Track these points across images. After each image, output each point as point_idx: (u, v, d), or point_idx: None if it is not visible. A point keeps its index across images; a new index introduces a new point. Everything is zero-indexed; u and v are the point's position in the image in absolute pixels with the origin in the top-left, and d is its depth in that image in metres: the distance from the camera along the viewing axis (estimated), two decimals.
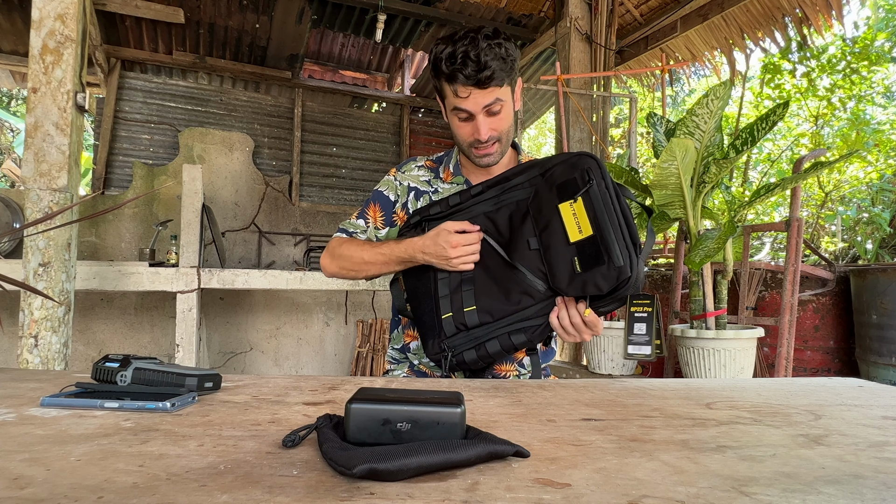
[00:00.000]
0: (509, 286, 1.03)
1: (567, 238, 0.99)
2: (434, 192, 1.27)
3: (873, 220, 4.82)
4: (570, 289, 0.97)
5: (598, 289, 0.94)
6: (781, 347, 2.22)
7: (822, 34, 3.55)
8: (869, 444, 0.54)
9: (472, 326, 1.03)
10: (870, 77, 5.64)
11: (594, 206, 0.97)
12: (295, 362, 4.57)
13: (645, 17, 4.11)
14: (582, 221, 0.98)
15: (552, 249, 1.00)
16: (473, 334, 1.03)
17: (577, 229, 0.98)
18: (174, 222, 3.87)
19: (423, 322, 1.10)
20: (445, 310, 1.05)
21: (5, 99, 8.77)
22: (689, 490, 0.41)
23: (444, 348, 1.04)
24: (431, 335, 1.07)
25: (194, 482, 0.41)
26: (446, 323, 1.04)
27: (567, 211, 1.00)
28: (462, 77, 1.07)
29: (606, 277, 0.93)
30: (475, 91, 1.08)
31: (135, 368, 0.67)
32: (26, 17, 3.69)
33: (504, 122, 1.15)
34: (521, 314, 1.02)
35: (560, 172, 1.03)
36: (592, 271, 0.94)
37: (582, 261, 0.96)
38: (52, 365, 2.09)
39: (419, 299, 1.11)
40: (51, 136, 2.10)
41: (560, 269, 0.98)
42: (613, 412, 0.67)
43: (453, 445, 0.45)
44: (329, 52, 5.61)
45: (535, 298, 1.01)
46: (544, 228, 1.02)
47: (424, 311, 1.09)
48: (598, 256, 0.94)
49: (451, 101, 1.13)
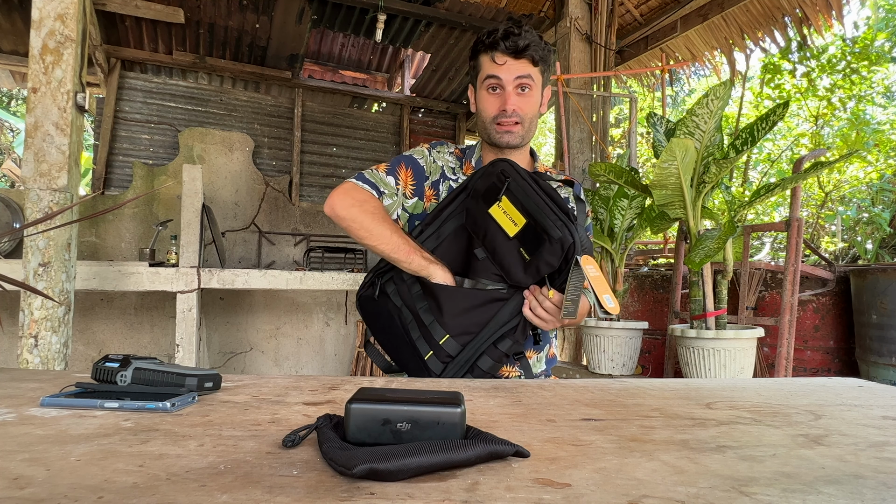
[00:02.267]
0: (474, 301, 1.05)
1: (506, 235, 1.04)
2: (456, 181, 1.29)
3: (873, 220, 4.82)
4: (527, 277, 1.01)
5: (550, 265, 0.98)
6: (781, 347, 2.22)
7: (822, 34, 3.55)
8: (869, 444, 0.54)
9: (457, 353, 1.03)
10: (870, 77, 5.64)
11: (518, 197, 1.03)
12: (295, 362, 4.57)
13: (645, 17, 4.11)
14: (513, 215, 1.04)
15: (498, 250, 1.04)
16: (461, 359, 1.03)
17: (511, 224, 1.04)
18: (174, 222, 3.87)
19: (410, 368, 1.10)
20: (425, 351, 1.05)
21: (5, 99, 8.77)
22: (689, 490, 0.41)
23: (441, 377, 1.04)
24: (422, 376, 1.06)
25: (194, 482, 0.41)
26: (431, 363, 1.04)
27: (498, 212, 1.06)
28: (502, 45, 1.15)
29: (553, 252, 0.97)
30: (511, 60, 1.16)
31: (135, 368, 0.67)
32: (26, 17, 3.69)
33: (529, 105, 1.19)
34: (496, 320, 1.03)
35: (480, 184, 1.10)
36: (539, 252, 0.99)
37: (527, 248, 1.01)
38: (52, 365, 2.09)
39: (398, 349, 1.12)
40: (51, 136, 2.10)
41: (512, 264, 1.03)
42: (613, 412, 0.67)
43: (453, 445, 0.45)
44: (329, 52, 5.61)
45: (502, 301, 1.04)
46: (484, 236, 1.07)
47: (408, 359, 1.09)
48: (538, 238, 0.99)
49: (485, 70, 1.19)
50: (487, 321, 1.03)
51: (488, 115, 1.21)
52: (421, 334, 1.06)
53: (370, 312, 1.18)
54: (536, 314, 1.02)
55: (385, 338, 1.14)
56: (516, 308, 1.04)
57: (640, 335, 2.76)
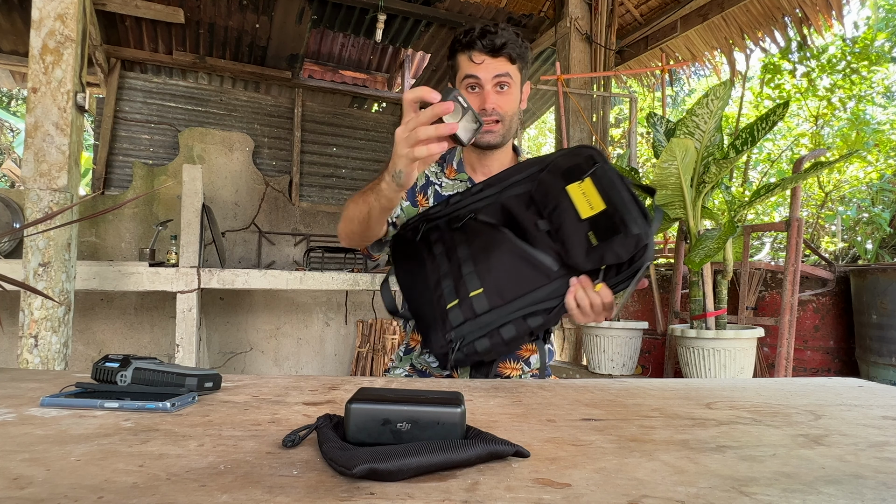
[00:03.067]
0: (519, 266, 0.98)
1: (578, 215, 0.97)
2: (439, 185, 1.27)
3: (873, 220, 4.82)
4: (588, 261, 0.94)
5: (618, 257, 0.92)
6: (781, 347, 2.22)
7: (822, 34, 3.55)
8: (869, 444, 0.54)
9: (482, 312, 0.96)
10: (870, 77, 5.64)
11: (603, 183, 0.97)
12: (295, 362, 4.57)
13: (645, 17, 4.11)
14: (592, 199, 0.97)
15: (564, 227, 0.97)
16: (483, 321, 0.96)
17: (587, 206, 0.97)
18: (174, 222, 3.87)
19: (423, 316, 1.04)
20: (450, 298, 0.98)
21: (5, 99, 8.78)
22: (688, 490, 0.41)
23: (450, 339, 0.97)
24: (435, 328, 1.00)
25: (194, 482, 0.41)
26: (452, 312, 0.97)
27: (576, 191, 0.99)
28: (479, 44, 1.15)
29: (625, 245, 0.91)
30: (488, 59, 1.15)
31: (135, 368, 0.67)
32: (26, 17, 3.69)
33: (509, 103, 1.18)
34: (534, 296, 0.96)
35: (563, 161, 1.04)
36: (610, 241, 0.92)
37: (598, 233, 0.94)
38: (52, 365, 2.09)
39: (416, 291, 1.06)
40: (51, 136, 2.10)
41: (574, 245, 0.96)
42: (613, 412, 0.67)
43: (453, 445, 0.45)
44: (329, 52, 5.61)
45: (549, 278, 0.97)
46: (553, 210, 1.00)
47: (423, 304, 1.04)
48: (613, 227, 0.93)
49: (463, 70, 1.18)
50: (525, 293, 0.96)
51: None
52: (452, 282, 1.00)
53: (402, 252, 1.13)
54: (580, 304, 0.95)
55: (409, 280, 1.09)
56: (559, 290, 0.96)
57: (640, 335, 2.76)
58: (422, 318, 1.05)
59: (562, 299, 0.96)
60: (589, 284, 0.95)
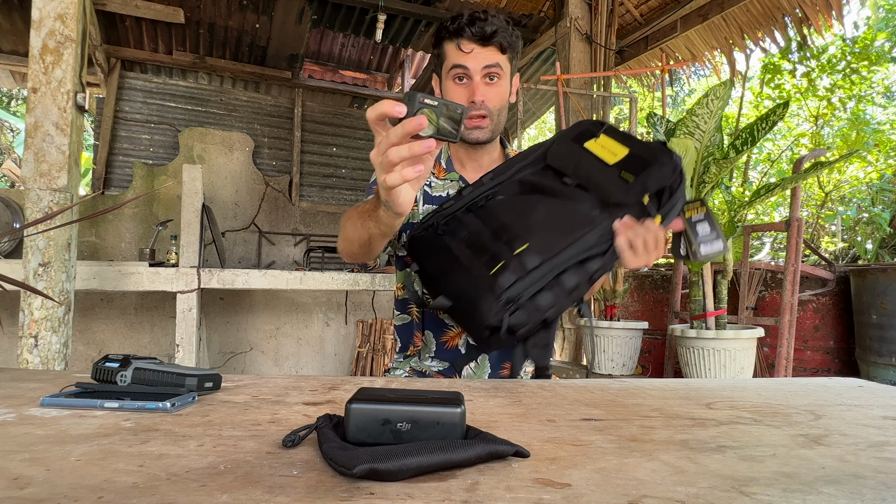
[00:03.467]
0: (560, 217, 0.91)
1: (604, 163, 0.94)
2: (428, 186, 1.22)
3: (873, 220, 4.82)
4: (630, 195, 0.89)
5: (660, 181, 0.88)
6: (781, 347, 2.22)
7: (822, 34, 3.55)
8: (869, 444, 0.54)
9: (533, 267, 0.86)
10: (870, 77, 5.64)
11: (618, 135, 0.96)
12: (295, 362, 4.57)
13: (645, 17, 4.11)
14: (613, 148, 0.95)
15: (594, 175, 0.94)
16: (536, 275, 0.86)
17: (611, 154, 0.94)
18: (174, 222, 3.87)
19: (464, 295, 0.92)
20: (494, 264, 0.88)
21: (5, 99, 8.78)
22: (688, 490, 0.41)
23: (506, 300, 0.85)
24: (483, 300, 0.87)
25: (194, 482, 0.41)
26: (500, 276, 0.86)
27: (594, 146, 0.97)
28: (468, 31, 1.09)
29: (663, 172, 0.88)
30: (478, 48, 1.10)
31: (135, 368, 0.67)
32: (26, 17, 3.69)
33: (498, 96, 1.13)
34: (583, 243, 0.88)
35: (569, 133, 1.03)
36: (646, 173, 0.89)
37: (631, 170, 0.91)
38: (52, 365, 2.09)
39: (449, 277, 0.96)
40: (51, 136, 2.10)
41: (611, 186, 0.91)
42: (613, 412, 0.67)
43: (453, 445, 0.45)
44: (329, 52, 5.61)
45: (593, 223, 0.90)
46: (576, 166, 0.96)
47: (461, 284, 0.92)
48: (645, 162, 0.90)
49: (451, 59, 1.12)
50: (573, 241, 0.88)
51: None
52: (492, 250, 0.90)
53: (423, 251, 1.05)
54: (633, 243, 0.88)
55: (438, 271, 1.00)
56: (607, 233, 0.90)
57: (640, 335, 2.76)
58: (462, 297, 0.93)
59: (610, 244, 0.90)
60: (635, 223, 0.89)
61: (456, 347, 1.18)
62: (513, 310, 0.85)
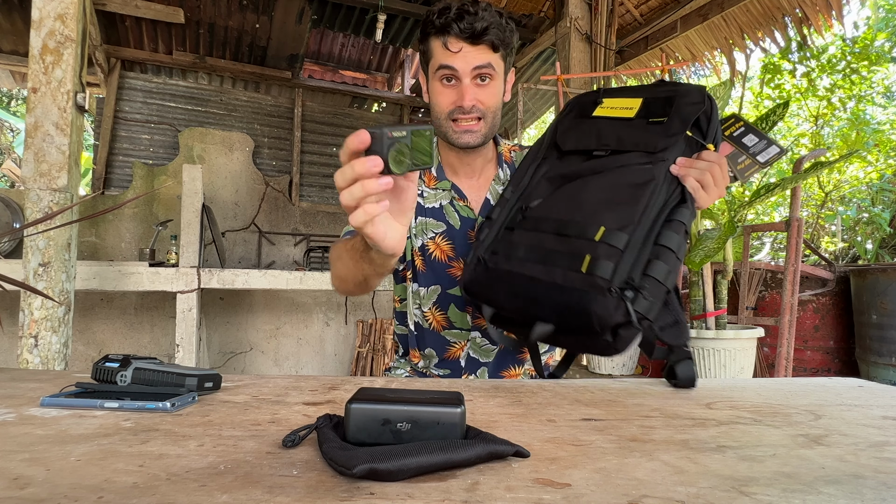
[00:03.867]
0: (617, 188, 0.83)
1: (626, 120, 0.89)
2: (421, 197, 1.13)
3: (873, 220, 4.82)
4: (671, 137, 0.83)
5: (692, 110, 0.83)
6: (781, 347, 2.22)
7: (822, 34, 3.55)
8: (869, 444, 0.54)
9: (625, 245, 0.77)
10: (870, 77, 5.65)
11: (621, 91, 0.92)
12: (295, 362, 4.57)
13: (645, 17, 4.11)
14: (624, 104, 0.90)
15: (622, 135, 0.87)
16: (632, 251, 0.77)
17: (627, 110, 0.89)
18: (174, 222, 3.87)
19: (566, 310, 0.79)
20: (578, 262, 0.77)
21: (5, 99, 8.78)
22: (688, 490, 0.41)
23: (619, 288, 0.74)
24: (593, 301, 0.75)
25: (194, 482, 0.41)
26: (597, 267, 0.75)
27: (604, 111, 0.92)
28: (456, 28, 0.98)
29: (689, 98, 0.84)
30: (467, 47, 0.99)
31: (135, 368, 0.67)
32: (26, 17, 3.70)
33: (491, 98, 1.03)
34: (655, 202, 0.81)
35: (568, 114, 0.99)
36: (675, 108, 0.84)
37: (658, 113, 0.85)
38: (52, 365, 2.09)
39: (532, 301, 0.84)
40: (51, 136, 2.10)
41: (648, 135, 0.84)
42: (613, 412, 0.67)
43: (453, 445, 0.45)
44: (329, 52, 5.61)
45: (653, 177, 0.82)
46: (597, 136, 0.90)
47: (554, 298, 0.80)
48: (667, 100, 0.85)
49: (437, 59, 1.02)
50: (645, 205, 0.80)
51: (443, 111, 1.04)
52: (566, 248, 0.80)
53: (484, 287, 0.92)
54: (700, 180, 0.81)
55: (513, 300, 0.87)
56: (672, 181, 0.82)
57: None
58: (565, 312, 0.80)
59: (681, 186, 0.83)
60: (692, 160, 0.83)
61: (457, 359, 1.15)
62: (631, 297, 0.75)
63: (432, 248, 1.12)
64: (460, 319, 1.13)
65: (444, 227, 1.12)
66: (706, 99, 0.85)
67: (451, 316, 1.13)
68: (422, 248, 1.13)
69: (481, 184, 1.15)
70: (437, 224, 1.12)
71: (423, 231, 1.13)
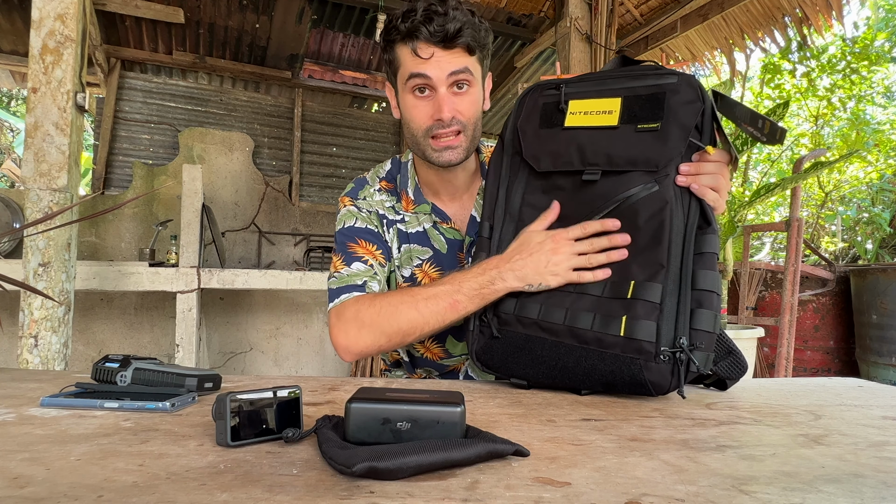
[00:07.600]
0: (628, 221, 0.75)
1: (610, 129, 0.77)
2: (402, 223, 1.03)
3: (873, 220, 4.82)
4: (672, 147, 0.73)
5: (691, 112, 0.73)
6: (781, 347, 2.22)
7: (822, 34, 3.55)
8: (869, 444, 0.54)
9: (661, 298, 0.70)
10: (870, 77, 5.65)
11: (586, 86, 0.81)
12: (295, 362, 4.57)
13: (645, 17, 4.11)
14: (599, 106, 0.78)
15: (614, 151, 0.76)
16: (672, 299, 0.70)
17: (606, 115, 0.77)
18: (174, 222, 3.87)
19: (612, 382, 0.72)
20: (615, 326, 0.71)
21: (5, 99, 8.78)
22: (688, 489, 0.41)
23: (669, 350, 0.69)
24: (644, 369, 0.69)
25: (194, 481, 0.41)
26: (636, 329, 0.69)
27: (577, 119, 0.79)
28: (425, 31, 0.86)
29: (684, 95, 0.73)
30: (439, 52, 0.87)
31: (135, 369, 0.67)
32: (26, 17, 3.69)
33: (471, 107, 0.92)
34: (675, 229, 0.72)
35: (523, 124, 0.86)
36: (669, 111, 0.73)
37: (648, 118, 0.75)
38: (51, 365, 2.09)
39: (566, 370, 0.75)
40: (51, 136, 2.10)
41: (642, 150, 0.74)
42: (613, 412, 0.66)
43: (453, 444, 0.45)
44: (329, 52, 5.61)
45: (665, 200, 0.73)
46: (581, 155, 0.79)
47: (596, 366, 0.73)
48: (655, 100, 0.74)
49: (407, 68, 0.89)
50: (667, 237, 0.71)
51: (419, 127, 0.92)
52: (598, 310, 0.73)
53: (505, 360, 0.82)
54: (713, 186, 0.74)
55: (543, 371, 0.77)
56: (678, 195, 0.74)
57: None
58: (612, 384, 0.73)
59: (691, 194, 0.74)
60: (695, 165, 0.74)
61: (455, 371, 1.10)
62: (685, 360, 0.69)
63: (420, 276, 1.03)
64: (460, 349, 1.06)
65: (430, 253, 1.03)
66: (701, 96, 0.74)
67: (448, 347, 1.06)
68: (410, 279, 1.04)
69: (465, 201, 1.05)
70: (423, 250, 1.03)
71: (409, 259, 1.03)
